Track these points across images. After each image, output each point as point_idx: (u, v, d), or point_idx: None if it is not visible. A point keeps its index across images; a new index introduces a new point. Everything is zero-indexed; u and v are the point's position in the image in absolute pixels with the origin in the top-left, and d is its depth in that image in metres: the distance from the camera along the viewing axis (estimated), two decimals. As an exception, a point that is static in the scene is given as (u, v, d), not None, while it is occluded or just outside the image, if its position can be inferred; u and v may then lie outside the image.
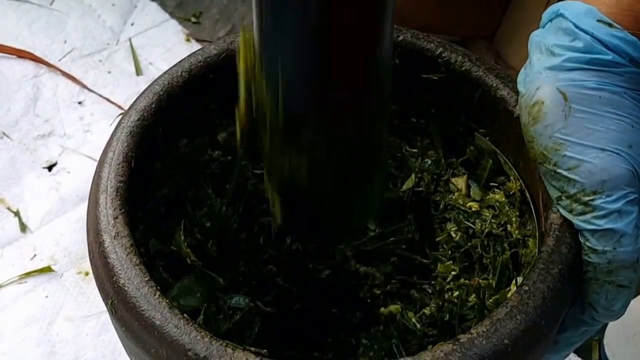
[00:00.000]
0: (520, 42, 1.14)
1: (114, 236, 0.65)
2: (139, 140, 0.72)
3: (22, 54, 1.34)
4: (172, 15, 1.41)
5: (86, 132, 1.26)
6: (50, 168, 1.22)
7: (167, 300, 0.62)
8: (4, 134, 1.25)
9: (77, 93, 1.31)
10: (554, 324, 0.65)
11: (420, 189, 0.85)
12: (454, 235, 0.82)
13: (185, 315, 0.61)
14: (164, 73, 0.77)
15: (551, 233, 0.66)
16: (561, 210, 0.66)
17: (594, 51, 0.63)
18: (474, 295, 0.77)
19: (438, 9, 1.09)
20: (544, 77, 0.65)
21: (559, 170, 0.65)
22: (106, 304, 0.65)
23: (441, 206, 0.84)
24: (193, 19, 1.43)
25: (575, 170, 0.64)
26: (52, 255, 1.12)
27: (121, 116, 0.75)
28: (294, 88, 0.63)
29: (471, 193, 0.82)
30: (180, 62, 0.78)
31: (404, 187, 0.85)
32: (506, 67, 1.17)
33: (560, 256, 0.65)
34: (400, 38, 0.79)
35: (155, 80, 0.76)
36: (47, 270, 1.11)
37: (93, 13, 1.41)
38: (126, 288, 0.63)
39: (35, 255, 1.13)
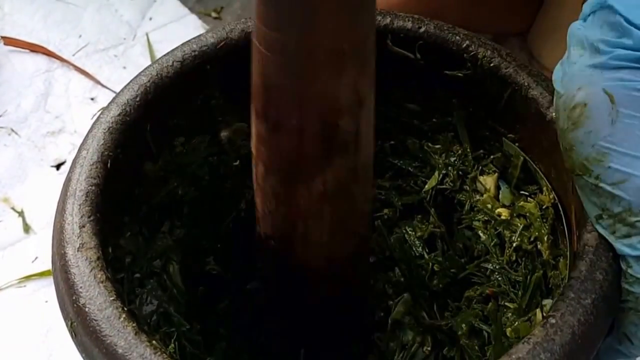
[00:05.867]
0: (556, 40, 1.03)
1: (78, 248, 0.55)
2: (119, 137, 0.62)
3: (34, 48, 1.25)
4: (192, 10, 1.33)
5: (98, 129, 1.15)
6: (58, 167, 1.14)
7: (134, 324, 0.50)
8: (13, 130, 1.16)
9: (90, 89, 1.22)
10: None
11: (445, 186, 0.76)
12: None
13: (153, 342, 0.50)
14: (153, 62, 0.67)
15: (585, 256, 0.55)
16: (601, 231, 0.55)
17: None
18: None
19: (466, 5, 0.97)
20: (587, 76, 0.53)
21: (601, 185, 0.53)
22: (67, 326, 0.54)
23: (466, 207, 0.75)
24: (214, 14, 1.34)
25: (621, 185, 0.52)
26: (55, 258, 1.02)
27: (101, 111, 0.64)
28: None
29: (500, 196, 0.72)
30: (172, 50, 0.68)
31: (427, 186, 0.77)
32: (540, 67, 1.06)
33: (594, 284, 0.54)
34: (422, 30, 0.68)
35: (142, 71, 0.67)
36: (47, 274, 1.02)
37: (110, 7, 1.33)
38: (87, 308, 0.53)
39: (36, 258, 1.05)
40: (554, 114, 0.60)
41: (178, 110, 0.68)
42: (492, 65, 0.66)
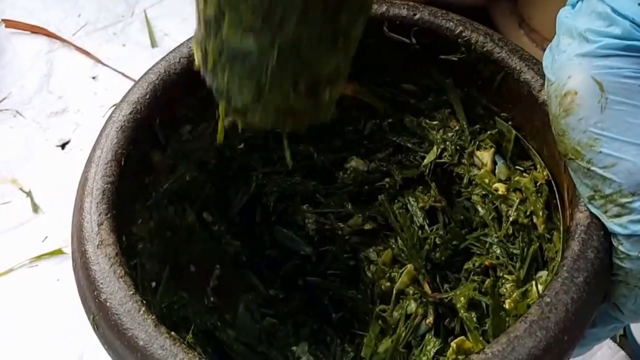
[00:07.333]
0: (545, 4, 1.05)
1: (98, 245, 0.57)
2: (131, 135, 0.65)
3: (35, 30, 1.26)
4: (188, -16, 1.31)
5: (100, 107, 1.18)
6: (63, 146, 1.15)
7: (153, 317, 0.53)
8: (17, 112, 1.18)
9: (91, 68, 1.23)
10: (577, 339, 0.56)
11: (443, 160, 0.78)
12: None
13: (172, 334, 0.53)
14: (161, 60, 0.70)
15: (576, 236, 0.58)
16: (593, 210, 0.57)
17: (633, 37, 0.53)
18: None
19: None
20: (577, 65, 0.55)
21: (593, 168, 0.55)
22: (89, 319, 0.56)
23: (465, 180, 0.77)
24: (210, -12, 1.32)
25: (612, 168, 0.55)
26: (65, 237, 1.04)
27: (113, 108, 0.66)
28: None
29: (497, 171, 0.74)
30: (178, 47, 0.70)
31: (426, 160, 0.79)
32: (530, 31, 1.09)
33: (586, 262, 0.56)
34: (417, 16, 0.70)
35: (150, 69, 0.69)
36: (58, 252, 1.04)
37: (108, -15, 1.32)
38: (108, 303, 0.55)
39: (46, 237, 1.06)
40: (545, 97, 0.62)
41: (184, 102, 0.70)
42: (485, 49, 0.68)
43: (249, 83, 0.52)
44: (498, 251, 0.73)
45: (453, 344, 0.67)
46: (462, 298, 0.71)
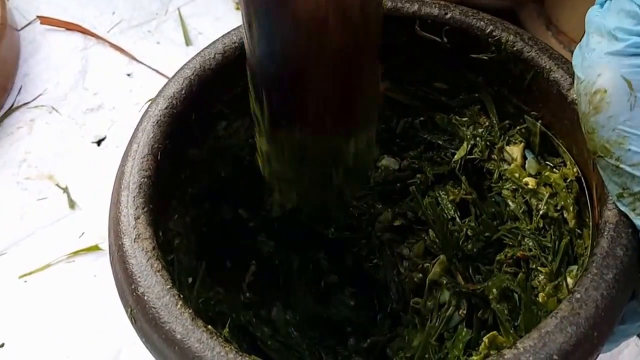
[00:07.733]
0: (573, 6, 1.05)
1: (135, 239, 0.59)
2: (167, 129, 0.66)
3: (70, 27, 1.28)
4: (221, -17, 1.33)
5: (135, 104, 1.20)
6: (99, 143, 1.16)
7: (190, 311, 0.54)
8: (53, 108, 1.19)
9: (126, 65, 1.25)
10: (606, 335, 0.57)
11: (474, 156, 0.79)
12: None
13: (209, 327, 0.54)
14: (196, 55, 0.71)
15: (605, 233, 0.59)
16: (622, 208, 0.58)
17: None
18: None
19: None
20: (606, 63, 0.56)
21: (621, 166, 0.56)
22: (126, 312, 0.58)
23: (495, 176, 0.78)
24: (243, -13, 1.34)
25: None
26: (101, 233, 1.06)
27: (149, 103, 0.67)
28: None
29: (527, 165, 0.75)
30: (213, 43, 0.71)
31: (456, 156, 0.80)
32: (557, 32, 1.09)
33: (615, 260, 0.57)
34: (448, 15, 0.72)
35: (186, 64, 0.70)
36: (95, 249, 1.06)
37: (142, -17, 1.34)
38: (145, 297, 0.56)
39: (83, 233, 1.08)
40: (574, 96, 0.63)
41: (220, 98, 0.72)
42: (515, 49, 0.69)
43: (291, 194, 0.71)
44: (530, 243, 0.74)
45: (485, 339, 0.68)
46: (495, 289, 0.73)
